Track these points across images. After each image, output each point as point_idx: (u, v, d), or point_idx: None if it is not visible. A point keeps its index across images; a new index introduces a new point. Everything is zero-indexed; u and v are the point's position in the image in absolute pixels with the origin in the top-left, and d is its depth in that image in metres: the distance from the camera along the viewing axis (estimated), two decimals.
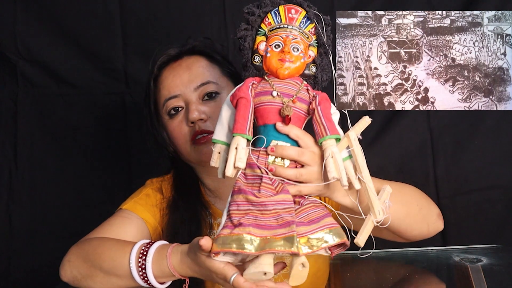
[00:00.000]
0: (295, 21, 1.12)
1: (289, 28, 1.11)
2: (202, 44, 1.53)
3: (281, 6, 1.14)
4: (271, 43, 1.10)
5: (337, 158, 1.05)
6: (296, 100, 1.08)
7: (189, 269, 1.14)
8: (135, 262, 1.18)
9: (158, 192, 1.50)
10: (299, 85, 1.10)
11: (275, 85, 1.09)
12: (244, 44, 1.13)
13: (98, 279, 1.26)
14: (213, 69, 1.49)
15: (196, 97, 1.45)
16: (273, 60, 1.09)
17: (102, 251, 1.28)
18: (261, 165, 1.07)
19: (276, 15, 1.13)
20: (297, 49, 1.09)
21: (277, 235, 1.00)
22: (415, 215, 1.31)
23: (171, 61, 1.50)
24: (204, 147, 1.43)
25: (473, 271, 1.26)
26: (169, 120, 1.47)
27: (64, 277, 1.31)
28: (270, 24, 1.13)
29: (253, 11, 1.13)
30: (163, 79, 1.48)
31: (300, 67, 1.10)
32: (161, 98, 1.48)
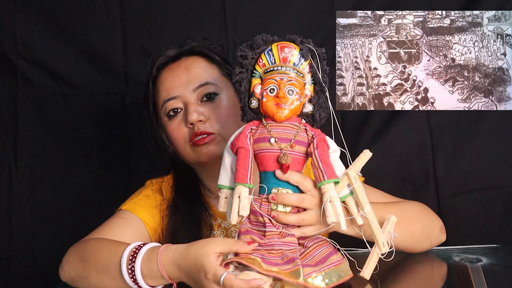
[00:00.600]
0: (289, 60, 1.11)
1: (283, 70, 1.11)
2: (201, 44, 1.53)
3: (274, 45, 1.13)
4: (266, 87, 1.10)
5: (335, 202, 1.07)
6: (294, 144, 1.10)
7: (178, 268, 1.13)
8: (126, 262, 1.18)
9: (158, 193, 1.50)
10: (297, 127, 1.11)
11: (273, 130, 1.10)
12: (240, 88, 1.14)
13: (92, 280, 1.25)
14: (212, 69, 1.49)
15: (194, 98, 1.45)
16: (269, 105, 1.10)
17: (97, 251, 1.28)
18: (264, 213, 1.10)
19: (270, 55, 1.12)
20: (292, 92, 1.09)
21: (284, 270, 1.04)
22: (418, 235, 1.34)
23: (169, 62, 1.50)
24: (204, 148, 1.43)
25: (473, 271, 1.26)
26: (168, 122, 1.47)
27: (63, 277, 1.32)
28: (264, 65, 1.12)
29: (246, 55, 1.13)
30: (161, 80, 1.49)
31: (297, 108, 1.11)
32: (160, 100, 1.48)
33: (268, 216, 1.10)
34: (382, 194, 1.48)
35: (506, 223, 1.85)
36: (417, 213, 1.38)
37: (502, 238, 1.82)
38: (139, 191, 1.53)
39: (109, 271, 1.22)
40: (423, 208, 1.42)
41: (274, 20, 1.92)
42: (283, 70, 1.10)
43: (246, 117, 1.15)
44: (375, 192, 1.48)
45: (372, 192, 1.47)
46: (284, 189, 1.10)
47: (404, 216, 1.31)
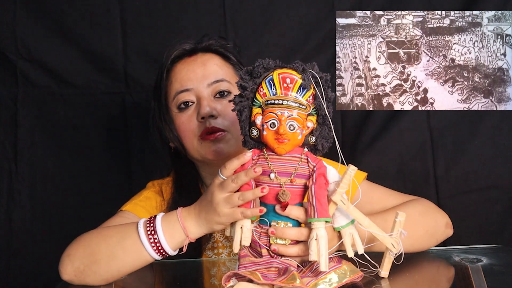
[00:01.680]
0: (291, 91, 1.07)
1: (284, 104, 1.07)
2: (218, 43, 1.53)
3: (276, 74, 1.09)
4: (266, 121, 1.08)
5: (321, 243, 1.06)
6: (295, 178, 1.09)
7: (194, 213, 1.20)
8: (144, 226, 1.22)
9: (159, 195, 1.50)
10: (298, 159, 1.10)
11: (273, 164, 1.09)
12: (241, 117, 1.11)
13: (103, 261, 1.24)
14: (227, 68, 1.50)
15: (208, 93, 1.45)
16: (269, 138, 1.08)
17: (104, 233, 1.29)
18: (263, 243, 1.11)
19: (271, 85, 1.09)
20: (293, 127, 1.07)
21: (281, 281, 1.04)
22: (422, 238, 1.35)
23: (185, 56, 1.51)
24: (212, 144, 1.43)
25: (473, 271, 1.26)
26: (178, 114, 1.47)
27: (64, 274, 1.28)
28: (265, 95, 1.09)
29: (246, 86, 1.10)
30: (176, 72, 1.49)
31: (299, 142, 1.09)
32: (172, 91, 1.48)
33: (266, 247, 1.11)
34: (386, 190, 1.49)
35: (506, 223, 1.85)
36: (419, 216, 1.37)
37: (502, 238, 1.83)
38: (140, 192, 1.53)
39: (123, 244, 1.23)
40: (427, 207, 1.42)
41: (274, 20, 1.92)
42: (284, 104, 1.07)
43: (246, 145, 1.13)
44: (379, 189, 1.48)
45: (376, 189, 1.48)
46: (283, 222, 1.11)
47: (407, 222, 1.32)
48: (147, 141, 1.95)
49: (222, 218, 1.14)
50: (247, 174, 1.10)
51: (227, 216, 1.14)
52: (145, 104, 1.94)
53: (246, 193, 1.11)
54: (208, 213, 1.17)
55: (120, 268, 1.25)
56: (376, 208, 1.39)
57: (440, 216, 1.41)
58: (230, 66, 1.51)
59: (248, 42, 1.92)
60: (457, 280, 1.27)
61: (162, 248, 1.20)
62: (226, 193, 1.13)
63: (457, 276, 1.29)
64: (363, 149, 1.88)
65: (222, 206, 1.13)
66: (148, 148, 1.95)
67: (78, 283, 1.28)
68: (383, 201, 1.42)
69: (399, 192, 1.49)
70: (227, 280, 1.07)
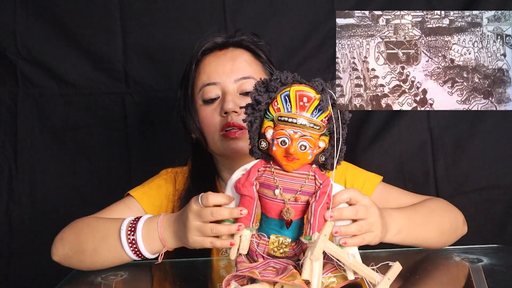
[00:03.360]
0: (306, 111, 1.03)
1: (298, 123, 1.03)
2: (250, 39, 1.53)
3: (292, 90, 1.04)
4: (277, 137, 1.04)
5: (315, 265, 1.02)
6: (300, 196, 1.06)
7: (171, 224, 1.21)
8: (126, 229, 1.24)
9: (170, 183, 1.51)
10: (306, 176, 1.06)
11: (279, 179, 1.06)
12: (251, 128, 1.08)
13: (88, 252, 1.28)
14: (256, 65, 1.50)
15: (234, 89, 1.45)
16: (278, 154, 1.05)
17: (95, 225, 1.31)
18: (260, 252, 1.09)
19: (286, 102, 1.04)
20: (305, 147, 1.03)
21: (281, 278, 1.02)
22: (448, 231, 1.38)
23: (216, 49, 1.51)
24: (232, 142, 1.43)
25: (474, 271, 1.26)
26: (202, 106, 1.48)
27: (55, 255, 1.33)
28: (279, 110, 1.05)
29: (260, 101, 1.06)
30: (205, 64, 1.49)
31: (308, 161, 1.06)
32: (199, 83, 1.48)
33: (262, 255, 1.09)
34: (401, 191, 1.50)
35: (506, 223, 1.85)
36: (444, 210, 1.41)
37: (502, 238, 1.83)
38: (152, 179, 1.54)
39: (106, 240, 1.26)
40: (446, 204, 1.45)
41: (274, 20, 1.92)
42: (298, 123, 1.03)
43: (254, 156, 1.10)
44: (394, 189, 1.50)
45: (391, 190, 1.50)
46: (282, 237, 1.08)
47: (434, 216, 1.36)
48: (147, 141, 1.96)
49: (192, 243, 1.16)
50: (231, 213, 1.09)
51: (197, 243, 1.15)
52: (145, 104, 1.95)
53: (219, 227, 1.10)
54: (182, 232, 1.18)
55: (102, 262, 1.29)
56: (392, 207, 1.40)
57: (458, 213, 1.45)
58: (260, 64, 1.51)
59: None
60: (457, 280, 1.27)
61: (139, 250, 1.23)
62: (200, 222, 1.13)
63: (458, 276, 1.29)
64: (363, 149, 1.88)
65: (193, 234, 1.14)
66: (148, 148, 1.95)
67: (66, 265, 1.33)
68: (399, 201, 1.43)
69: (413, 193, 1.50)
70: (227, 284, 1.06)
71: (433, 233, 1.34)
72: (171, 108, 1.58)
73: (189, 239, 1.15)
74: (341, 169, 1.45)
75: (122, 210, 1.45)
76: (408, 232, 1.27)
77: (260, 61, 1.51)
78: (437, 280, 1.27)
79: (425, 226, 1.32)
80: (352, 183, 1.46)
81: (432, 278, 1.28)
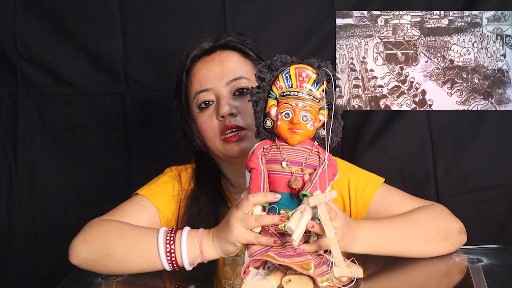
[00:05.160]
0: (306, 84, 1.13)
1: (299, 95, 1.12)
2: (236, 39, 1.53)
3: (292, 68, 1.14)
4: (281, 111, 1.13)
5: (304, 216, 1.07)
6: (305, 168, 1.12)
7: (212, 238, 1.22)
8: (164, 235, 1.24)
9: (176, 181, 1.51)
10: (309, 150, 1.14)
11: (285, 153, 1.13)
12: (256, 108, 1.16)
13: (117, 258, 1.27)
14: (246, 65, 1.50)
15: (227, 91, 1.45)
16: (283, 128, 1.12)
17: (126, 230, 1.30)
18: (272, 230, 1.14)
19: (287, 78, 1.14)
20: (306, 118, 1.11)
21: (296, 262, 1.07)
22: (434, 241, 1.34)
23: (204, 55, 1.51)
24: (234, 145, 1.43)
25: (474, 271, 1.26)
26: (199, 113, 1.48)
27: (75, 257, 1.29)
28: (281, 88, 1.14)
29: (264, 77, 1.15)
30: (195, 72, 1.49)
31: (310, 133, 1.13)
32: (192, 91, 1.48)
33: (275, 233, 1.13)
34: (403, 194, 1.48)
35: (506, 223, 1.85)
36: (430, 220, 1.37)
37: (502, 238, 1.82)
38: (158, 177, 1.53)
39: (140, 247, 1.25)
40: (439, 212, 1.41)
41: (274, 20, 1.92)
42: (299, 95, 1.12)
43: (260, 136, 1.17)
44: (397, 192, 1.49)
45: (394, 193, 1.48)
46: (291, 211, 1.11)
47: (417, 225, 1.34)
48: (147, 141, 1.96)
49: (233, 237, 1.16)
50: (265, 196, 1.13)
51: (239, 236, 1.15)
52: (145, 104, 1.95)
53: (264, 217, 1.13)
54: (223, 231, 1.19)
55: (130, 268, 1.28)
56: (394, 211, 1.40)
57: (454, 221, 1.41)
58: (249, 62, 1.51)
59: None
60: (457, 281, 1.27)
61: (175, 260, 1.23)
62: (242, 213, 1.16)
63: (458, 276, 1.29)
64: (363, 149, 1.88)
65: (237, 225, 1.16)
66: (148, 148, 1.95)
67: (85, 268, 1.30)
68: (399, 205, 1.42)
69: (415, 196, 1.49)
70: (246, 272, 1.10)
71: (414, 243, 1.31)
72: (171, 108, 1.58)
73: (232, 232, 1.16)
74: (344, 170, 1.46)
75: (135, 209, 1.44)
76: (380, 244, 1.26)
77: (249, 60, 1.51)
78: (437, 280, 1.27)
79: (402, 237, 1.30)
80: (355, 184, 1.46)
81: (432, 278, 1.28)
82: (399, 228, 1.31)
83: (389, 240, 1.28)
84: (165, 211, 1.46)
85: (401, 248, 1.30)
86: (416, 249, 1.31)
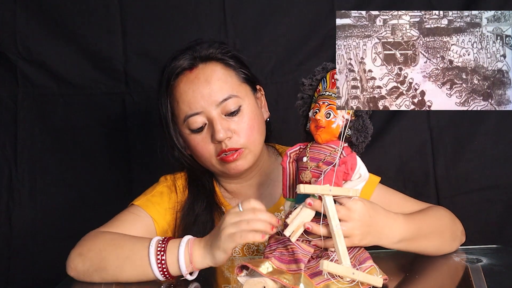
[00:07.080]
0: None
1: (327, 94, 1.15)
2: (217, 50, 1.48)
3: (329, 73, 1.18)
4: (314, 110, 1.16)
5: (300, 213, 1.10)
6: (322, 164, 1.13)
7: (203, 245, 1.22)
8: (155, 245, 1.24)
9: (172, 190, 1.51)
10: (333, 149, 1.14)
11: (310, 150, 1.16)
12: (299, 112, 1.22)
13: (111, 270, 1.27)
14: (231, 77, 1.46)
15: (218, 113, 1.42)
16: (311, 127, 1.16)
17: (118, 242, 1.30)
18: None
19: (324, 82, 1.18)
20: (329, 114, 1.13)
21: (290, 270, 1.09)
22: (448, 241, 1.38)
23: (186, 70, 1.46)
24: (232, 164, 1.43)
25: (473, 271, 1.26)
26: (190, 135, 1.45)
27: (73, 270, 1.30)
28: (319, 91, 1.18)
29: (304, 82, 1.20)
30: (181, 93, 1.44)
31: (335, 131, 1.14)
32: (181, 113, 1.44)
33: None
34: (403, 196, 1.49)
35: (506, 223, 1.86)
36: (445, 220, 1.40)
37: (502, 238, 1.83)
38: (153, 187, 1.52)
39: (132, 259, 1.25)
40: (447, 213, 1.43)
41: (274, 20, 1.92)
42: (327, 94, 1.15)
43: (302, 139, 1.21)
44: (396, 194, 1.49)
45: (393, 194, 1.49)
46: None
47: (439, 226, 1.36)
48: (147, 141, 1.96)
49: (223, 241, 1.17)
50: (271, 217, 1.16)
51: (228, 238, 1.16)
52: (145, 104, 1.95)
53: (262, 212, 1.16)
54: (213, 238, 1.20)
55: (126, 279, 1.27)
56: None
57: (458, 223, 1.44)
58: (233, 73, 1.46)
59: (248, 42, 1.92)
60: (457, 281, 1.28)
61: (167, 270, 1.22)
62: (237, 219, 1.16)
63: (457, 276, 1.29)
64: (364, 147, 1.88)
65: (228, 228, 1.16)
66: (148, 148, 1.95)
67: (82, 280, 1.30)
68: (401, 207, 1.41)
69: (415, 199, 1.49)
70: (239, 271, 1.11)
71: (434, 243, 1.33)
72: None
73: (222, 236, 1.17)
74: None
75: (132, 219, 1.43)
76: (410, 242, 1.27)
77: (231, 69, 1.47)
78: (436, 280, 1.27)
79: (428, 237, 1.32)
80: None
81: (431, 278, 1.28)
82: (428, 228, 1.33)
83: (419, 239, 1.29)
84: (161, 221, 1.45)
85: (423, 247, 1.32)
86: (432, 249, 1.34)
